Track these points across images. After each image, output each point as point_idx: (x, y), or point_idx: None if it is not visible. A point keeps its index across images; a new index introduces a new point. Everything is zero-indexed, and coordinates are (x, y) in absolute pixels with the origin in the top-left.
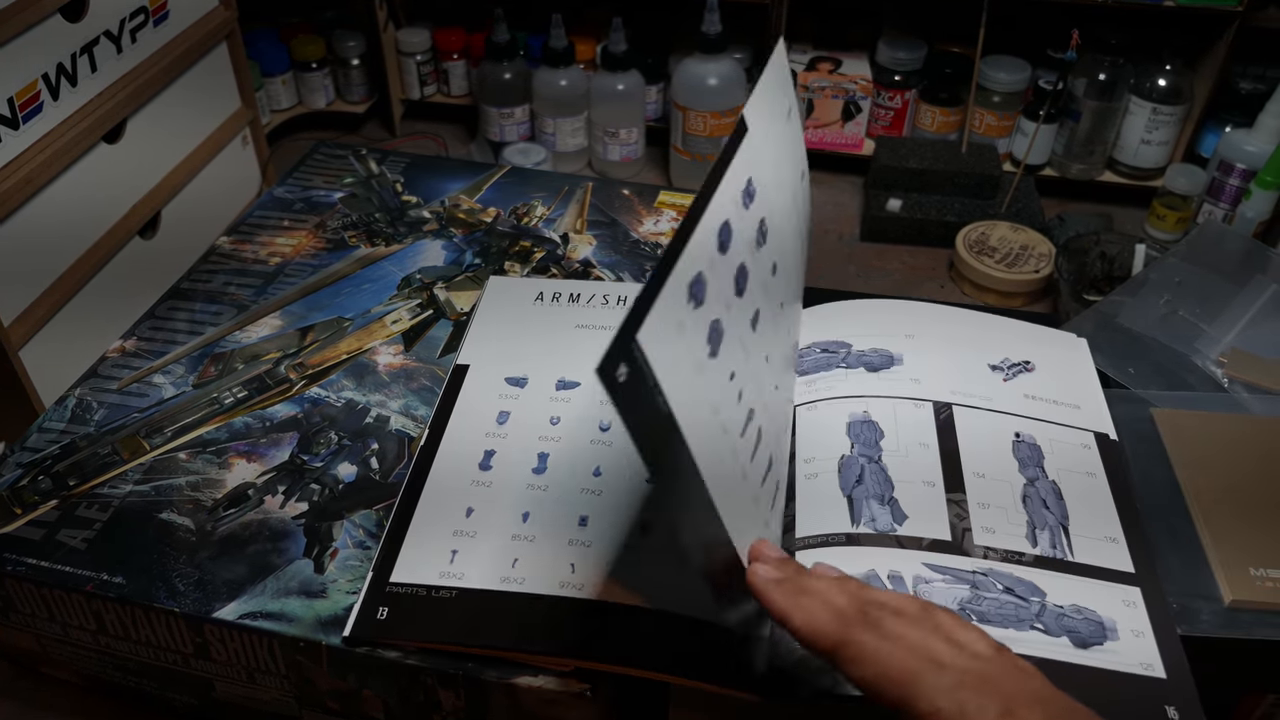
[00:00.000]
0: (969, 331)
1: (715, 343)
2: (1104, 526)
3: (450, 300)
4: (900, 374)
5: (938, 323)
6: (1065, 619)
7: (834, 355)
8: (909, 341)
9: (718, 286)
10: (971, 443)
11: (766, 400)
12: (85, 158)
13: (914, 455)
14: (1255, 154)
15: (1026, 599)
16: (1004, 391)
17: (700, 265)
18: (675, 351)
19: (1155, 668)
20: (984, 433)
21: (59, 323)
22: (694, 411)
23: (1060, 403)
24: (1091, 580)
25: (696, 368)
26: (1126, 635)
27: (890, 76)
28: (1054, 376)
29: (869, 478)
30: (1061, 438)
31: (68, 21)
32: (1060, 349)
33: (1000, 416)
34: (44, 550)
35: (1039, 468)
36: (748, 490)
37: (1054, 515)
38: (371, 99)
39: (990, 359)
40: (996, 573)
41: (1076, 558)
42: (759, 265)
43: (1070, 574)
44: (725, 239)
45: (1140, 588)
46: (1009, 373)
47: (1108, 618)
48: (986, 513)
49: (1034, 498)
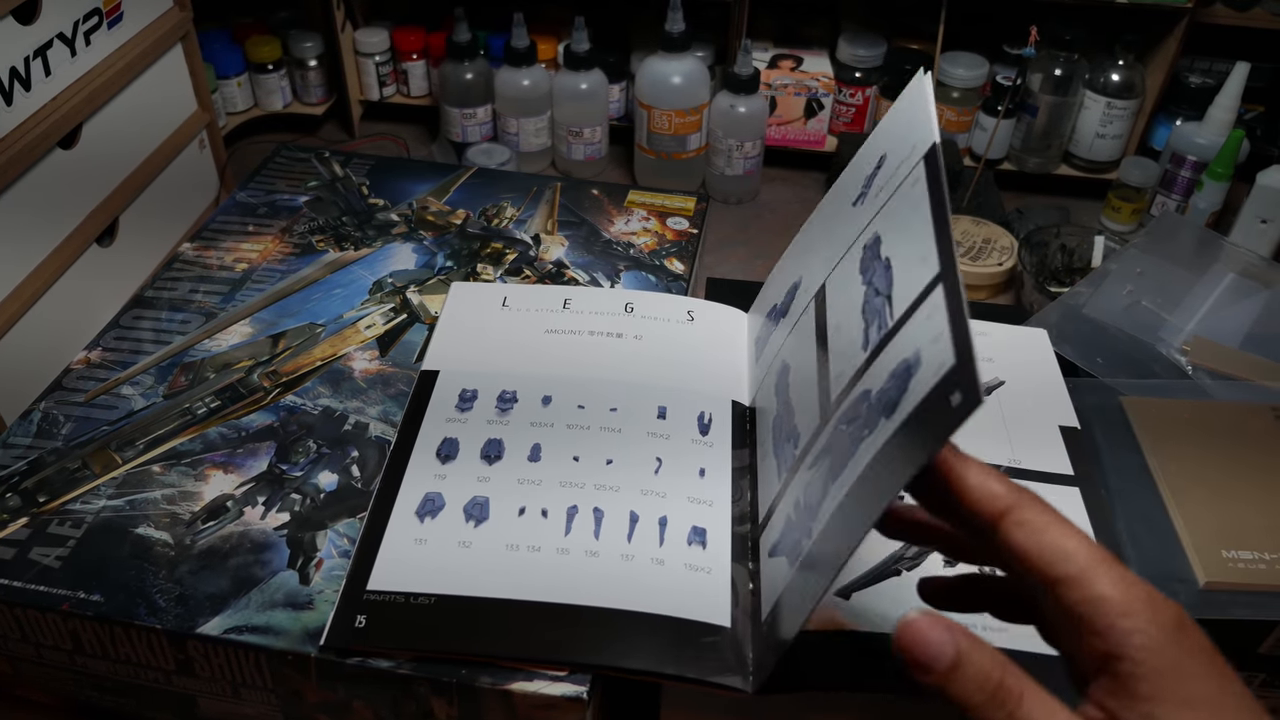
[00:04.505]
0: None
1: None
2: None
3: (424, 304)
4: None
5: None
6: None
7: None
8: None
9: None
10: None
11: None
12: (40, 164)
13: None
14: (1206, 146)
15: None
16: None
17: None
18: None
19: None
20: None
21: (17, 334)
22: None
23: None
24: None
25: None
26: None
27: (851, 73)
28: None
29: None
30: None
31: (20, 24)
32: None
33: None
34: (16, 570)
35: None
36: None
37: None
38: (330, 100)
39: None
40: None
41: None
42: None
43: None
44: None
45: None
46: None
47: None
48: None
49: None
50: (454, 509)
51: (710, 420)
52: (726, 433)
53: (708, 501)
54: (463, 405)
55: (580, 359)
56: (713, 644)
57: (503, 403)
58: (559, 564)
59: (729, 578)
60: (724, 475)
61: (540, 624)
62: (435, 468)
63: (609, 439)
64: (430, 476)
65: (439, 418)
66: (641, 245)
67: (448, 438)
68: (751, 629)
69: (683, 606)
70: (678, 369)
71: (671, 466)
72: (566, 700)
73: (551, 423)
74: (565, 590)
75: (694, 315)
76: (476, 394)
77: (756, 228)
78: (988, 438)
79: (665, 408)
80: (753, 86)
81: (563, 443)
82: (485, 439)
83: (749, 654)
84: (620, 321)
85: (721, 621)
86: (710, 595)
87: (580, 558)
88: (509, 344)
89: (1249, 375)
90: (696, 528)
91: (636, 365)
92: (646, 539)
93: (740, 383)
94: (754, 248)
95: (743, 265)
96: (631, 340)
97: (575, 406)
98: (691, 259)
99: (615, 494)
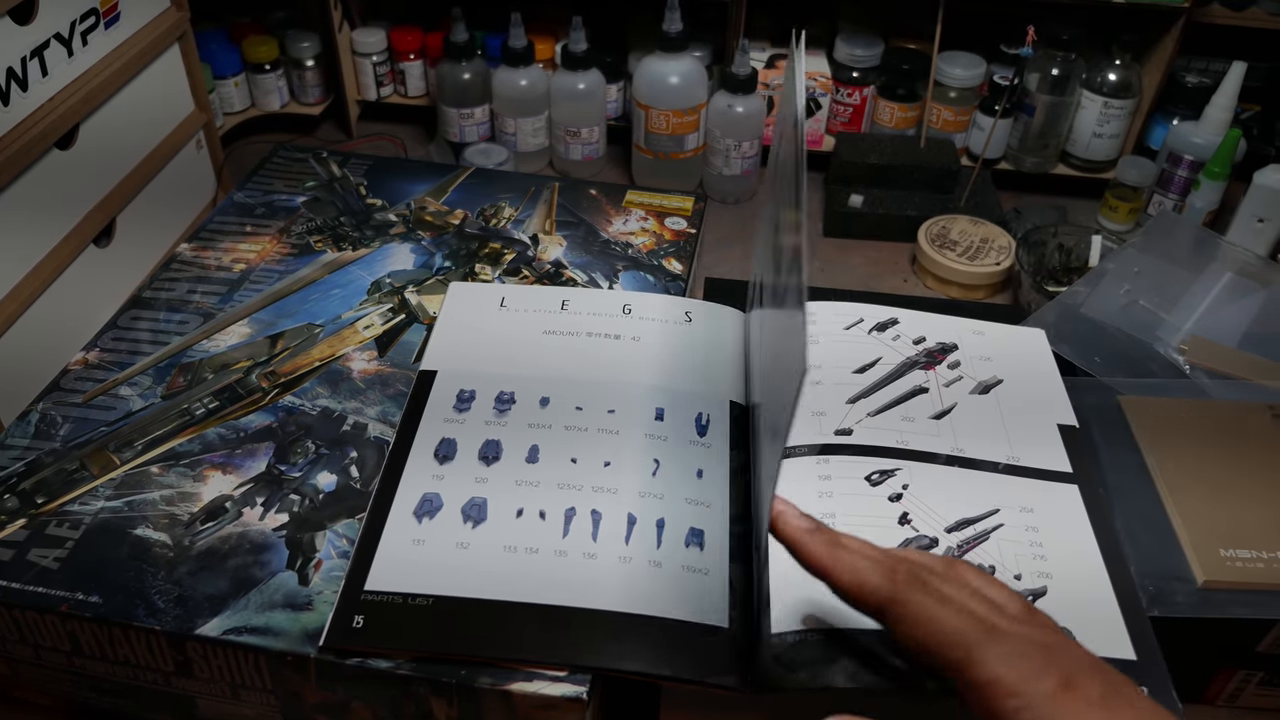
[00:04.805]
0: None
1: None
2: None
3: (422, 304)
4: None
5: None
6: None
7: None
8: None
9: None
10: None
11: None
12: (37, 164)
13: None
14: (1202, 146)
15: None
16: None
17: None
18: None
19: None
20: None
21: (15, 335)
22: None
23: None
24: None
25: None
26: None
27: (848, 73)
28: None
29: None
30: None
31: (16, 24)
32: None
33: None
34: (14, 571)
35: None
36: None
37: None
38: (327, 100)
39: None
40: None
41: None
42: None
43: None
44: None
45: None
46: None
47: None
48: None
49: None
50: (452, 510)
51: (708, 421)
52: (725, 433)
53: (705, 503)
54: (461, 406)
55: (578, 360)
56: (712, 644)
57: (501, 403)
58: (557, 566)
59: (727, 578)
60: (722, 476)
61: (538, 626)
62: (433, 468)
63: (607, 440)
64: (428, 477)
65: (437, 418)
66: (640, 245)
67: (446, 438)
68: (750, 629)
69: (681, 608)
70: (675, 370)
71: (669, 468)
72: (566, 700)
73: (549, 424)
74: (563, 592)
75: (692, 316)
76: (474, 395)
77: (754, 227)
78: (986, 436)
79: (663, 409)
80: (750, 86)
81: (561, 444)
82: (483, 440)
83: (748, 654)
84: (618, 323)
85: (720, 622)
86: (708, 596)
87: (578, 559)
88: (507, 345)
89: (1246, 374)
90: (694, 529)
91: (634, 366)
92: (644, 541)
93: (738, 383)
94: (752, 248)
95: (741, 265)
96: (629, 341)
97: (573, 408)
98: (689, 259)
99: (613, 496)
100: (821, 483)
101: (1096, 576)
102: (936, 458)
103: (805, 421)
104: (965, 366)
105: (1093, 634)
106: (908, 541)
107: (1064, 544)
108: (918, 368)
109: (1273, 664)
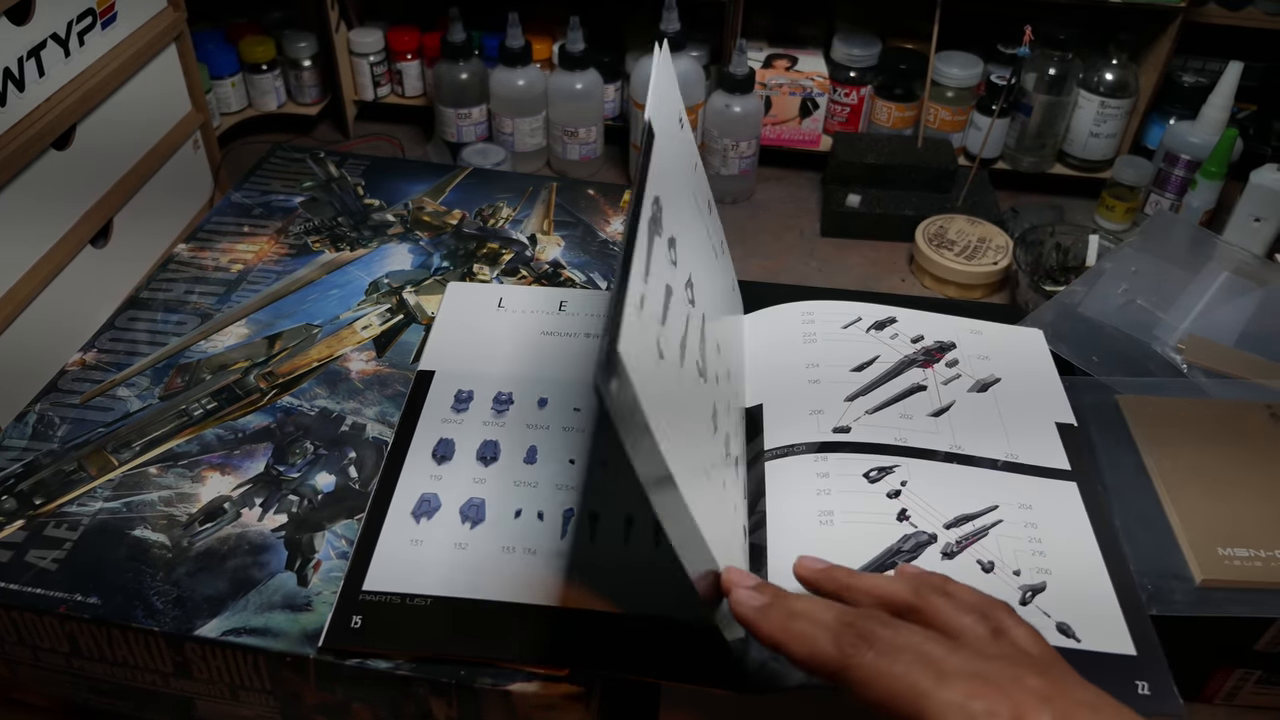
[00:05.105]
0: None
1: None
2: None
3: (420, 304)
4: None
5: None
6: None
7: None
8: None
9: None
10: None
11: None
12: (34, 165)
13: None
14: (1199, 145)
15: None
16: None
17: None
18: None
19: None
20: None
21: (12, 336)
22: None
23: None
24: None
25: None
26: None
27: (846, 73)
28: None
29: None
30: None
31: (13, 24)
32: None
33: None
34: (12, 572)
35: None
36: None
37: None
38: (324, 100)
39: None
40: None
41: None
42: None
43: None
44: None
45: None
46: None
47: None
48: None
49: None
50: (450, 510)
51: None
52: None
53: None
54: (459, 406)
55: (576, 361)
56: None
57: (498, 404)
58: (555, 567)
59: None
60: None
61: (536, 626)
62: (431, 468)
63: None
64: (426, 477)
65: (435, 418)
66: None
67: (444, 438)
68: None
69: (680, 608)
70: None
71: None
72: (566, 700)
73: (547, 425)
74: (562, 593)
75: None
76: (472, 395)
77: (752, 227)
78: (985, 433)
79: None
80: (748, 86)
81: (558, 445)
82: (481, 440)
83: (748, 654)
84: None
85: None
86: None
87: (576, 560)
88: (505, 345)
89: (1244, 373)
90: None
91: None
92: (643, 542)
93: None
94: (750, 247)
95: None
96: None
97: (571, 409)
98: None
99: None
100: (820, 480)
101: (1095, 571)
102: (935, 455)
103: (804, 419)
104: (963, 365)
105: (1092, 628)
106: (906, 538)
107: (1063, 539)
108: (916, 365)
109: (1270, 662)
